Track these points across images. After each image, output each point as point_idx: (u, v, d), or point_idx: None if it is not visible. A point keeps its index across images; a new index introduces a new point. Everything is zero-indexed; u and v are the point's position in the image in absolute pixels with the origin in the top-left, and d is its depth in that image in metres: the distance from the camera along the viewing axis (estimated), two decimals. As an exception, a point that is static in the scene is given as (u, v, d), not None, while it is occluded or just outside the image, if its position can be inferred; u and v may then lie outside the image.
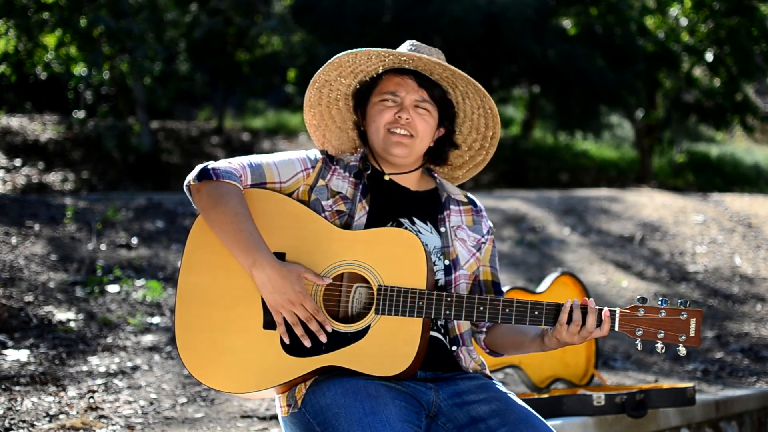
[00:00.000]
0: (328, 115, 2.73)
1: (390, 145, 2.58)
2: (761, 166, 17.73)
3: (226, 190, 2.44)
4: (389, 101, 2.59)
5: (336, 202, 2.56)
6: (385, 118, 2.58)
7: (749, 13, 14.76)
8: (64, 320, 4.89)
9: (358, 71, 2.62)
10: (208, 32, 14.71)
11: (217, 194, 2.43)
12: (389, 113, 2.58)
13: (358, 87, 2.66)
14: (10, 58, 11.48)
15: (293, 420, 2.43)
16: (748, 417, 4.60)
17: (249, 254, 2.37)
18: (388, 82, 2.60)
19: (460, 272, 2.61)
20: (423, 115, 2.59)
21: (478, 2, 13.86)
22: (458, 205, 2.71)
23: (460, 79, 2.56)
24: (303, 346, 2.39)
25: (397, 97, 2.59)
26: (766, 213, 9.79)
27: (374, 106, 2.61)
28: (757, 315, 6.95)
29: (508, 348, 2.62)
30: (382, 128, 2.59)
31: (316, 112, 2.71)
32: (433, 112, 2.61)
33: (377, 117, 2.59)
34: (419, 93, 2.59)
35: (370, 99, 2.63)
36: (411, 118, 2.57)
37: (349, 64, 2.59)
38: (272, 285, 2.36)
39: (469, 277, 2.65)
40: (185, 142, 14.84)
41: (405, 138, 2.58)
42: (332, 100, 2.70)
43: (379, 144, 2.60)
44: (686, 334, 2.35)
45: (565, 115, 15.76)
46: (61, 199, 7.82)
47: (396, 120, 2.57)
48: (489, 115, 2.66)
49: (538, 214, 9.30)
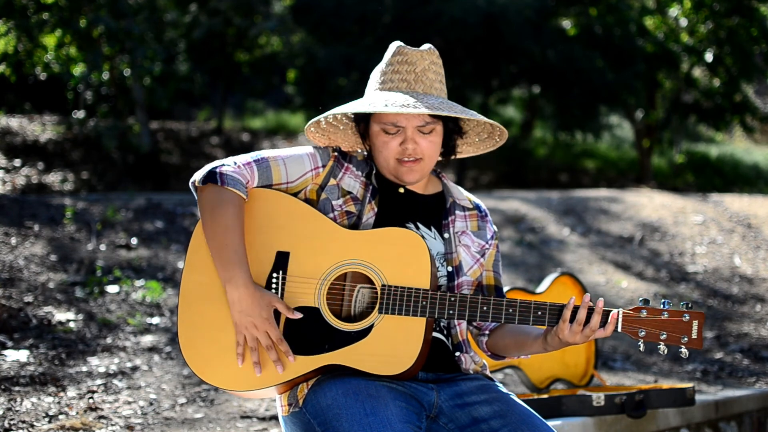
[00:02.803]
0: (330, 125, 2.69)
1: (401, 174, 2.54)
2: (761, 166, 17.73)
3: (227, 198, 2.43)
4: (392, 131, 2.52)
5: (346, 202, 2.55)
6: (392, 149, 2.52)
7: (749, 13, 14.76)
8: (63, 321, 4.89)
9: None
10: (207, 33, 14.72)
11: (216, 202, 2.42)
12: (394, 144, 2.51)
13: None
14: (10, 59, 11.47)
15: (294, 419, 2.43)
16: (747, 417, 4.61)
17: (228, 269, 2.39)
18: None
19: (463, 279, 2.59)
20: (428, 136, 2.53)
21: (478, 2, 13.86)
22: (463, 210, 2.68)
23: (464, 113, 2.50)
24: (305, 344, 2.40)
25: (399, 127, 2.51)
26: (765, 213, 9.79)
27: (377, 136, 2.54)
28: (757, 315, 6.95)
29: (510, 350, 2.61)
30: (391, 159, 2.53)
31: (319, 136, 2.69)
32: (437, 127, 2.54)
33: (383, 149, 2.53)
34: (420, 118, 2.50)
35: (371, 124, 2.56)
36: (417, 146, 2.51)
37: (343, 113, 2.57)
38: (241, 305, 2.38)
39: (473, 284, 2.63)
40: (185, 143, 14.84)
41: (415, 164, 2.53)
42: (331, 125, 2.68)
43: (389, 171, 2.57)
44: (689, 336, 2.35)
45: (564, 116, 15.75)
46: (60, 200, 7.81)
47: (403, 150, 2.51)
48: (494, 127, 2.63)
49: (538, 215, 9.30)
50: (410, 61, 2.53)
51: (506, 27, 13.79)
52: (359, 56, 13.74)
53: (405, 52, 2.54)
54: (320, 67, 14.28)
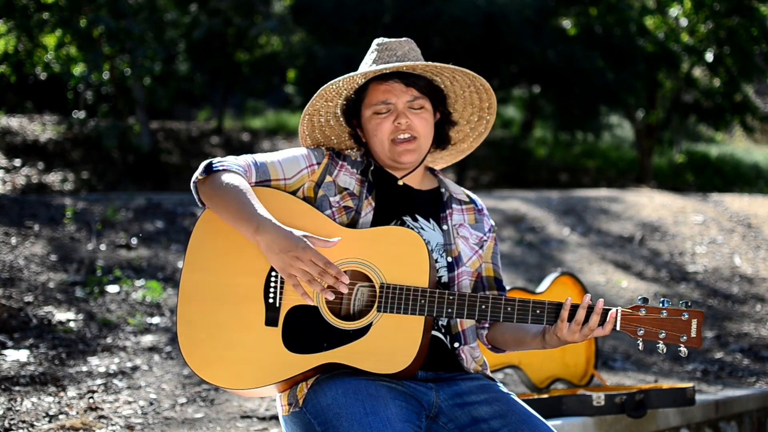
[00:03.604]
0: (323, 136, 2.73)
1: (397, 155, 2.58)
2: (761, 166, 17.73)
3: (230, 175, 2.45)
4: (383, 111, 2.58)
5: (343, 198, 2.57)
6: (385, 129, 2.58)
7: (749, 13, 14.77)
8: (63, 320, 4.89)
9: (341, 90, 2.62)
10: (207, 32, 14.73)
11: (220, 180, 2.44)
12: (387, 123, 2.58)
13: (345, 104, 2.66)
14: (10, 58, 11.48)
15: (294, 419, 2.43)
16: (747, 417, 4.61)
17: (251, 221, 2.36)
18: (375, 92, 2.59)
19: (462, 269, 2.61)
20: (419, 113, 2.60)
21: (478, 2, 13.86)
22: (460, 204, 2.72)
23: (445, 70, 2.58)
24: (305, 343, 2.40)
25: (389, 105, 2.58)
26: (765, 213, 9.79)
27: (370, 120, 2.60)
28: (757, 315, 6.95)
29: (509, 344, 2.63)
30: (386, 141, 2.59)
31: (312, 139, 2.73)
32: (427, 105, 2.62)
33: (377, 130, 2.59)
34: (409, 92, 2.58)
35: (362, 112, 2.63)
36: (410, 121, 2.57)
37: (335, 88, 2.59)
38: (278, 245, 2.32)
39: (472, 274, 2.66)
40: (185, 143, 14.84)
41: (410, 143, 2.58)
42: (324, 122, 2.70)
43: (386, 155, 2.61)
44: (687, 335, 2.35)
45: (565, 115, 15.76)
46: (60, 200, 7.81)
47: (396, 128, 2.57)
48: (482, 90, 2.68)
49: (538, 214, 9.30)
50: (390, 48, 2.63)
51: (506, 27, 13.80)
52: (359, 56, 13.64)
53: (384, 42, 2.65)
54: (320, 66, 14.27)
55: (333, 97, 2.63)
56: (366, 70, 2.54)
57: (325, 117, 2.69)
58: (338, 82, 2.55)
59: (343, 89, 2.61)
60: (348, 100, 2.65)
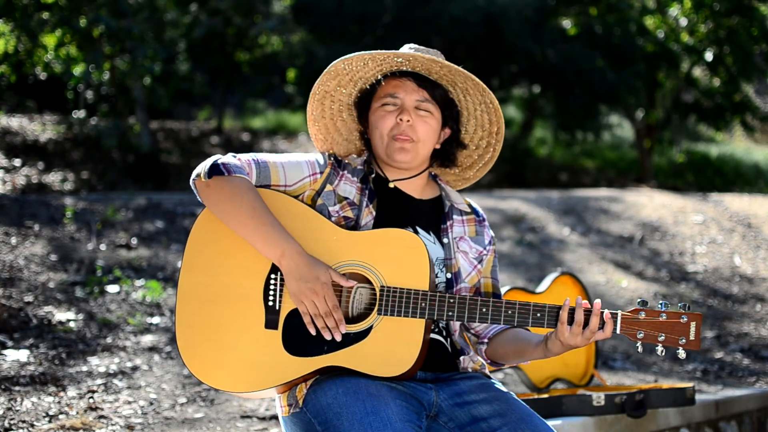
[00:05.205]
0: (334, 127, 2.72)
1: (393, 151, 2.57)
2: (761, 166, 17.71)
3: (239, 183, 2.43)
4: (389, 105, 2.57)
5: (343, 207, 2.55)
6: (387, 124, 2.57)
7: (749, 13, 14.75)
8: (63, 320, 4.89)
9: (356, 79, 2.61)
10: (207, 32, 14.71)
11: (231, 188, 2.42)
12: (391, 118, 2.57)
13: (359, 95, 2.66)
14: (10, 58, 11.47)
15: (294, 420, 2.43)
16: (747, 417, 4.61)
17: (277, 246, 2.38)
18: (386, 86, 2.59)
19: (461, 285, 2.60)
20: (424, 117, 2.57)
21: (478, 2, 13.86)
22: (461, 215, 2.69)
23: (458, 75, 2.54)
24: (305, 346, 2.39)
25: (397, 99, 2.57)
26: (765, 213, 9.79)
27: (375, 112, 2.60)
28: (757, 315, 6.95)
29: (510, 357, 2.60)
30: (386, 135, 2.57)
31: (321, 126, 2.70)
32: (435, 113, 2.59)
33: (379, 123, 2.58)
34: (419, 93, 2.57)
35: (371, 105, 2.62)
36: (412, 120, 2.55)
37: (347, 71, 2.58)
38: (299, 272, 2.36)
39: (470, 290, 2.64)
40: (185, 142, 14.83)
41: (407, 143, 2.56)
42: (335, 111, 2.69)
43: (383, 150, 2.60)
44: (686, 338, 2.36)
45: (565, 115, 15.75)
46: (60, 200, 7.81)
47: (398, 124, 2.56)
48: (491, 110, 2.64)
49: (538, 214, 9.30)
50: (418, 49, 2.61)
51: (506, 26, 13.79)
52: (359, 56, 13.71)
53: (414, 46, 2.61)
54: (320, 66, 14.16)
55: (347, 83, 2.62)
56: (376, 52, 2.52)
57: (338, 105, 2.67)
58: (351, 58, 2.53)
59: (358, 77, 2.59)
60: (362, 92, 2.64)
